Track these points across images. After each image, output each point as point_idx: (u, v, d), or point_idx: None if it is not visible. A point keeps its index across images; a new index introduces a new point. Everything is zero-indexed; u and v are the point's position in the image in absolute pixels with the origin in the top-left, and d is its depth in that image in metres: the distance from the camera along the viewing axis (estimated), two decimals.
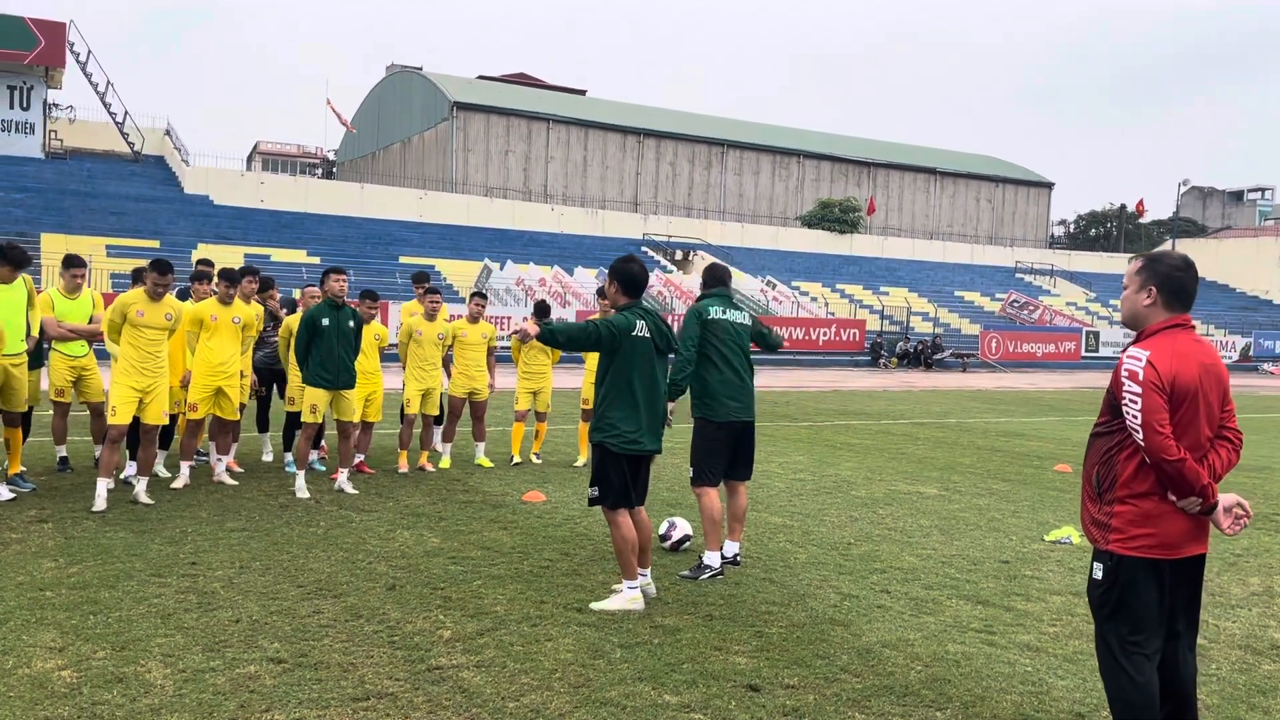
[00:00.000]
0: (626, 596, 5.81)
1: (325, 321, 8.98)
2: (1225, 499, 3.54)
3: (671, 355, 6.42)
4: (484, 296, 11.13)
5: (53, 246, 31.98)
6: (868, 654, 5.18)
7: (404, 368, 10.54)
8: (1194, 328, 3.64)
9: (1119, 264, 64.78)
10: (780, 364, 36.18)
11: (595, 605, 5.80)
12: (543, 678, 4.68)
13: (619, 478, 5.83)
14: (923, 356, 38.93)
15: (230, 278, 9.19)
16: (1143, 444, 3.44)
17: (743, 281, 44.38)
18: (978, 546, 7.84)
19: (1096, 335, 45.46)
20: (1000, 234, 69.79)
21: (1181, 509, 3.51)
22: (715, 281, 7.06)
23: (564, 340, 5.99)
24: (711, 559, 6.65)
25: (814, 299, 44.47)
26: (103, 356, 8.93)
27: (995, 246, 64.78)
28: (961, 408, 21.27)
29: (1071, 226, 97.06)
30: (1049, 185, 73.65)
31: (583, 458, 11.12)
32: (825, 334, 38.99)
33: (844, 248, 56.42)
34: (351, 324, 9.20)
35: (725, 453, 6.81)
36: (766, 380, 28.09)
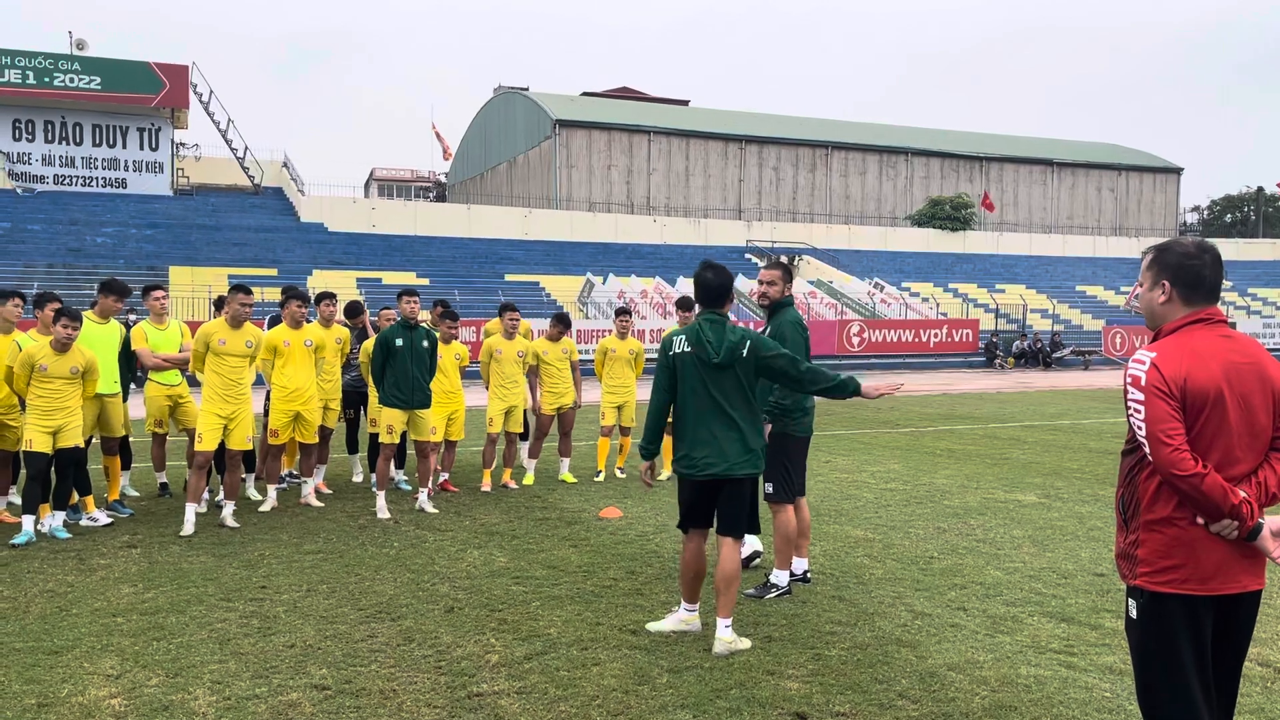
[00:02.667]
0: (680, 617, 5.62)
1: (399, 342, 9.08)
2: (1275, 520, 3.01)
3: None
4: (565, 321, 11.06)
5: (180, 279, 33.69)
6: (931, 678, 4.88)
7: (486, 387, 10.60)
8: (1223, 322, 3.15)
9: (1257, 250, 61.19)
10: (888, 368, 35.31)
11: (651, 626, 5.66)
12: (581, 705, 4.55)
13: (683, 500, 5.64)
14: (1041, 355, 37.44)
15: (301, 297, 9.37)
16: (1151, 458, 3.00)
17: (849, 284, 43.58)
18: (1072, 558, 7.38)
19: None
20: (1125, 224, 66.72)
21: (1217, 534, 3.02)
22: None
23: (656, 435, 5.67)
24: (780, 578, 6.43)
25: (925, 299, 43.29)
26: (195, 385, 9.22)
27: (1119, 238, 61.88)
28: (1078, 408, 20.30)
29: (1205, 213, 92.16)
30: (1177, 171, 70.05)
31: (601, 469, 11.17)
32: (936, 335, 37.88)
33: (956, 245, 54.80)
34: (426, 344, 9.27)
35: (804, 467, 6.64)
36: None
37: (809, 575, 6.71)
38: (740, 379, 5.46)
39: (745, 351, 5.44)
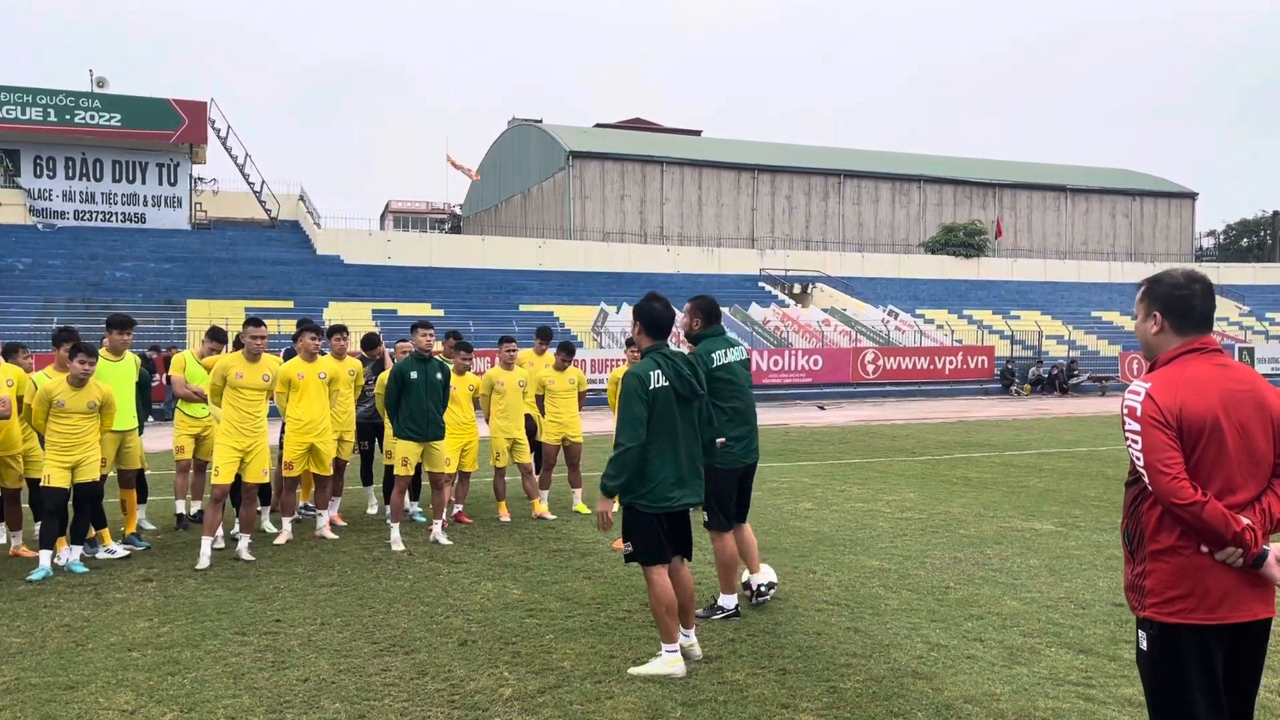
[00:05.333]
0: (665, 660, 5.44)
1: (413, 375, 9.13)
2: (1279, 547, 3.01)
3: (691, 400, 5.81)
4: (569, 351, 11.05)
5: (198, 312, 33.97)
6: (947, 711, 4.84)
7: (487, 420, 10.57)
8: (1218, 350, 3.16)
9: (1274, 274, 60.81)
10: (904, 395, 35.21)
11: (633, 670, 5.47)
12: None
13: (651, 532, 5.49)
14: (1057, 381, 37.26)
15: (314, 329, 9.46)
16: (1150, 488, 3.01)
17: (863, 312, 43.55)
18: (1090, 588, 7.31)
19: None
20: (1140, 249, 66.53)
21: (1222, 563, 3.02)
22: (711, 318, 6.61)
23: (622, 474, 5.40)
24: (727, 601, 6.59)
25: (939, 326, 43.21)
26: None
27: (1134, 263, 61.70)
28: (1095, 434, 20.16)
29: (1221, 237, 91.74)
30: (1192, 196, 69.92)
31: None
32: (951, 362, 37.76)
33: (970, 272, 54.78)
34: (440, 376, 9.32)
35: (735, 496, 6.64)
36: (889, 413, 27.35)
37: (774, 584, 6.94)
38: (698, 408, 5.71)
39: (704, 386, 5.78)
